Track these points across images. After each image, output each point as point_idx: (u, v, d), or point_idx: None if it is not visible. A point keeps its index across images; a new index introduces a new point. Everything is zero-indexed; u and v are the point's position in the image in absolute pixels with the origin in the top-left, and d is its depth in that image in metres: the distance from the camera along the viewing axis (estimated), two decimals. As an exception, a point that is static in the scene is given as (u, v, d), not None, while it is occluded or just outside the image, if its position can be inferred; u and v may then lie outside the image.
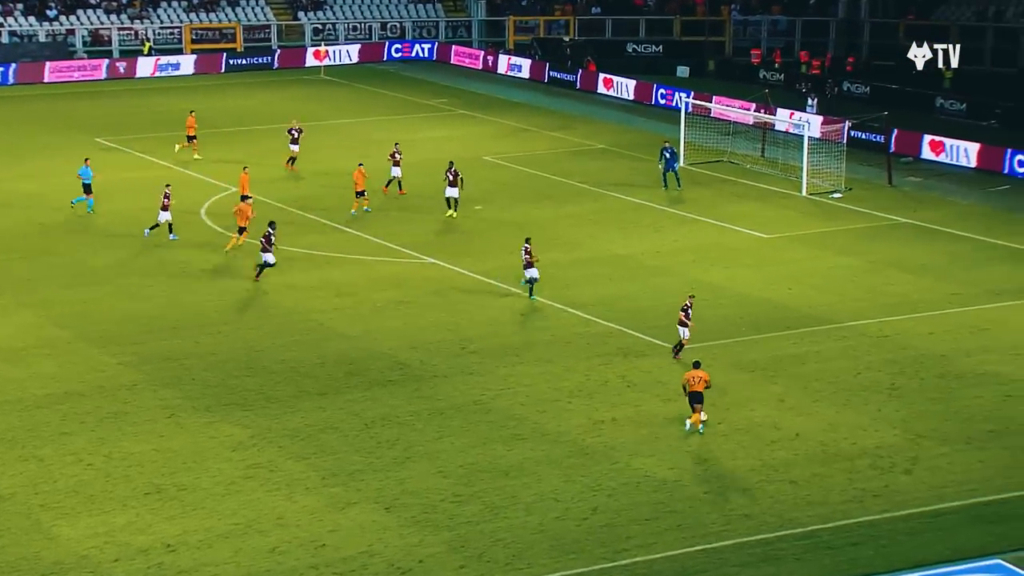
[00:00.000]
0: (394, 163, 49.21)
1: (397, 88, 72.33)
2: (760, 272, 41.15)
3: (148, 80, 74.56)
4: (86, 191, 46.51)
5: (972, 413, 30.61)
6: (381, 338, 35.24)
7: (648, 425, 29.83)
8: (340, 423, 29.85)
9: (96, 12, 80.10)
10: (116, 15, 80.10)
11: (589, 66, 75.29)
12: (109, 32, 79.14)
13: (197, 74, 76.06)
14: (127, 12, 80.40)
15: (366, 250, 43.01)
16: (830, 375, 32.83)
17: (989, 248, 44.15)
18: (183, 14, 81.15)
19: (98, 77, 74.55)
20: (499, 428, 29.64)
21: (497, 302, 38.21)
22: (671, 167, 50.63)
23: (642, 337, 35.35)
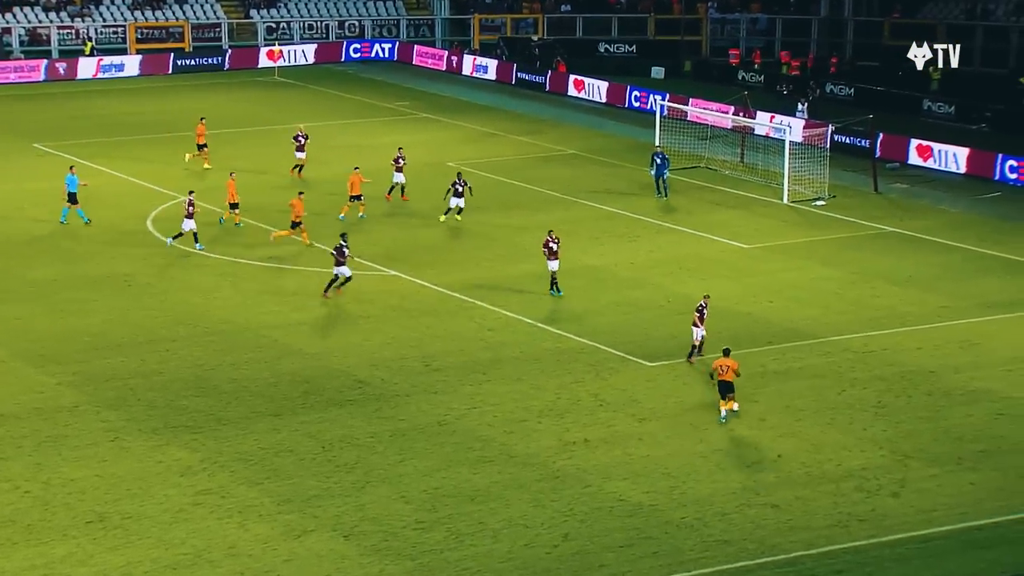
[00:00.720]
0: (396, 168, 49.39)
1: (356, 90, 72.29)
2: (739, 284, 41.32)
3: (90, 82, 74.23)
4: (71, 200, 46.04)
5: (962, 432, 30.80)
6: (340, 355, 35.16)
7: (622, 446, 29.87)
8: (296, 446, 29.75)
9: (34, 10, 79.72)
10: (55, 13, 79.73)
11: (559, 67, 75.46)
12: (48, 31, 78.78)
13: (143, 75, 75.80)
14: (67, 10, 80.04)
15: (324, 262, 42.92)
16: (813, 393, 32.97)
17: (979, 258, 44.49)
18: (127, 12, 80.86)
19: (36, 79, 74.18)
20: (465, 450, 29.61)
21: (462, 316, 38.21)
22: (661, 173, 50.78)
23: (615, 353, 35.42)
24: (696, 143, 57.37)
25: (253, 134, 62.00)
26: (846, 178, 54.47)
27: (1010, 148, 56.51)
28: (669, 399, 32.48)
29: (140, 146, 58.85)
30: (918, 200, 52.11)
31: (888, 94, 67.91)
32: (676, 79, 75.26)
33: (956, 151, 56.58)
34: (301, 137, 53.40)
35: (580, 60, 77.40)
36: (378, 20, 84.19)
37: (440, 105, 68.79)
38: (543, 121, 65.35)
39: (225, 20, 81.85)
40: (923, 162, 57.24)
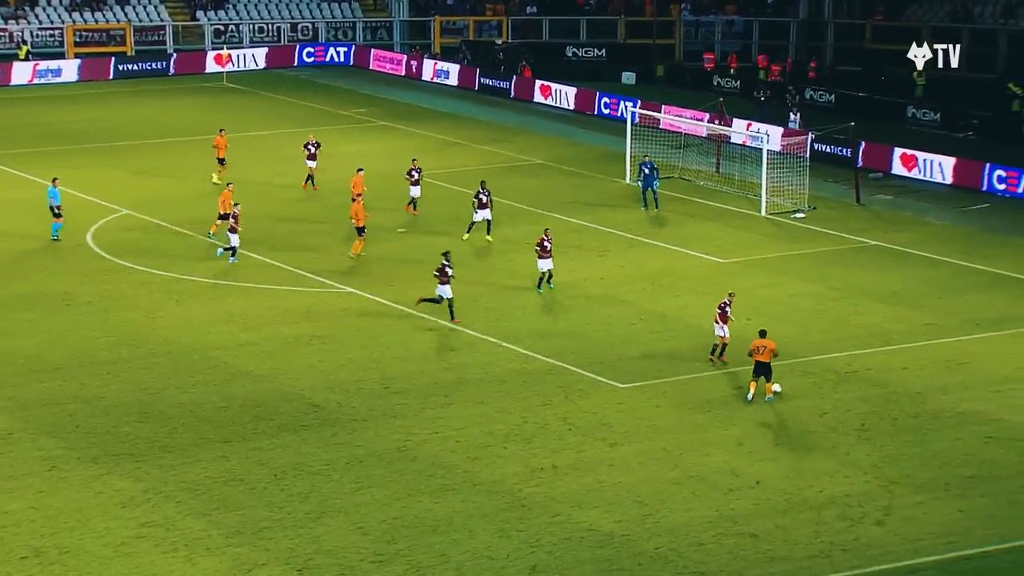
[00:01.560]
0: (412, 182, 49.37)
1: (309, 97, 72.26)
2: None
3: (25, 88, 73.91)
4: (55, 214, 45.64)
5: (950, 457, 31.00)
6: (293, 377, 35.08)
7: (592, 472, 29.92)
8: (246, 474, 29.65)
9: (-35, 11, 79.39)
10: (-12, 14, 79.42)
11: (524, 72, 75.67)
12: (-20, 34, 78.41)
13: (82, 81, 75.51)
14: (0, 11, 79.65)
15: (276, 279, 42.84)
16: (793, 415, 33.12)
17: (967, 273, 44.84)
18: (65, 14, 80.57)
19: (-33, 85, 73.87)
20: (426, 478, 29.59)
21: (423, 336, 38.21)
22: (650, 184, 50.91)
23: (585, 374, 35.49)
24: (669, 152, 57.60)
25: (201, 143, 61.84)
26: (827, 189, 54.80)
27: (998, 157, 57.01)
28: (642, 423, 32.56)
29: (79, 156, 58.60)
30: (902, 212, 52.47)
31: (870, 100, 68.44)
32: (648, 85, 75.58)
33: (942, 160, 57.03)
34: (312, 145, 52.96)
35: (547, 65, 77.64)
36: (333, 22, 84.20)
37: (399, 112, 68.83)
38: (508, 129, 65.48)
39: (170, 22, 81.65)
40: (907, 172, 57.66)
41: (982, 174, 55.74)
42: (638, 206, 51.58)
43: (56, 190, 45.94)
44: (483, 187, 46.96)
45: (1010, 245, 48.26)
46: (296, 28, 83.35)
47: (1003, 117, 65.93)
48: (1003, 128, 64.67)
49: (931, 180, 56.88)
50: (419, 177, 49.61)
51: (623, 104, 65.87)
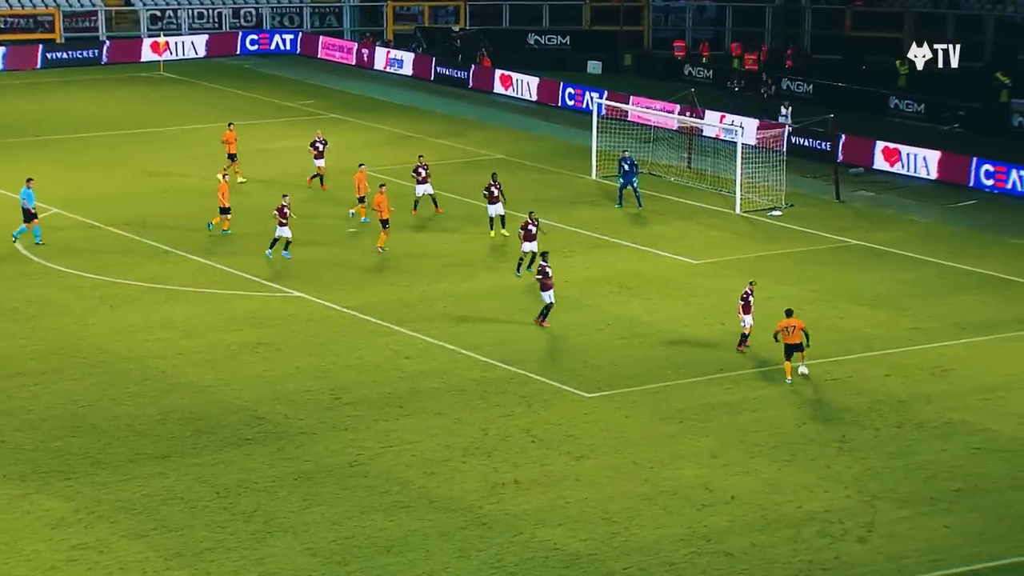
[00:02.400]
0: (419, 180, 49.26)
1: (253, 87, 72.06)
2: (687, 304, 41.62)
3: (-53, 77, 73.46)
4: (27, 218, 45.15)
5: (936, 469, 31.19)
6: (236, 388, 34.98)
7: (557, 488, 29.95)
8: (186, 492, 29.54)
9: None
10: (-93, -1, 78.85)
11: (483, 61, 75.68)
12: (-102, 19, 77.80)
13: (7, 71, 75.05)
14: (-80, -5, 79.16)
15: (218, 282, 42.70)
16: (770, 426, 33.26)
17: (954, 274, 45.13)
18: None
19: None
20: (379, 495, 29.55)
21: (376, 343, 38.16)
22: (630, 181, 50.98)
23: (549, 383, 35.52)
24: (638, 146, 57.67)
25: (136, 137, 61.55)
26: (805, 185, 55.05)
27: (986, 151, 57.38)
28: (610, 434, 32.62)
29: (4, 151, 58.24)
30: (885, 209, 52.76)
31: (850, 91, 68.76)
32: (615, 74, 75.73)
33: (926, 154, 57.37)
34: (320, 143, 52.65)
35: (507, 53, 77.64)
36: (278, 8, 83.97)
37: (349, 104, 68.71)
38: (466, 122, 65.46)
39: (102, 7, 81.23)
40: (890, 167, 57.99)
41: (969, 169, 56.11)
42: (604, 203, 51.68)
43: (30, 191, 45.32)
44: (494, 180, 46.99)
45: (998, 244, 48.61)
46: (239, 14, 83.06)
47: (991, 108, 66.37)
48: (991, 120, 65.11)
49: (915, 175, 57.22)
50: (427, 174, 49.27)
51: (588, 95, 65.94)
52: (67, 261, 44.07)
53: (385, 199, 45.32)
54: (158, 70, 75.42)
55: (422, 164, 49.66)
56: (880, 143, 58.38)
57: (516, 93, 71.44)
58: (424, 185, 49.39)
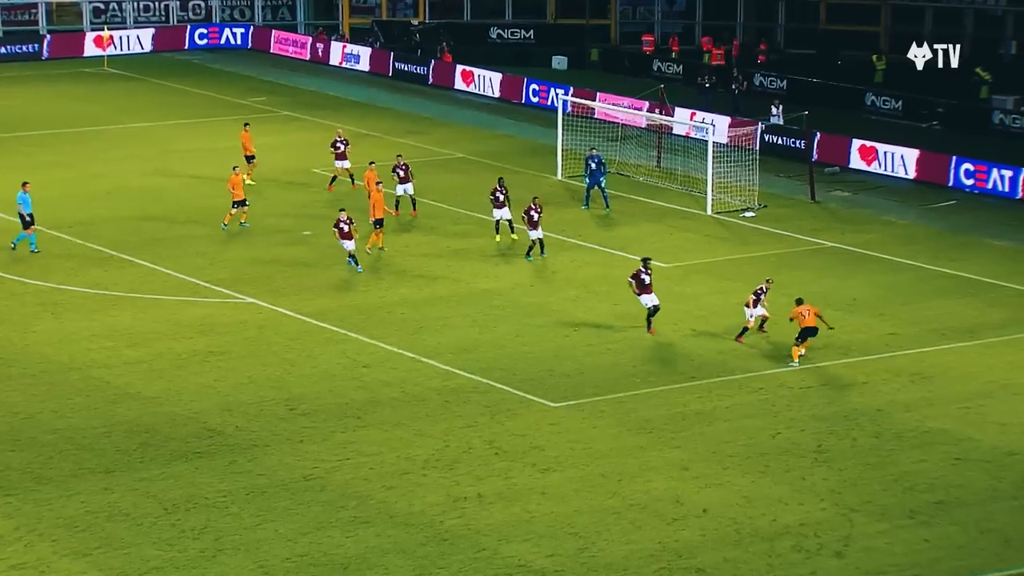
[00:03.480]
0: (399, 180, 49.27)
1: (203, 83, 71.85)
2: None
3: None
4: (25, 225, 44.73)
5: (915, 481, 31.34)
6: (185, 399, 34.86)
7: (522, 502, 29.96)
8: (132, 508, 29.42)
9: None
10: None
11: (444, 56, 75.68)
12: None
13: (-57, 66, 74.68)
14: None
15: (165, 288, 42.55)
16: (744, 436, 33.35)
17: (933, 278, 45.36)
18: (-77, -11, 79.60)
19: None
20: (336, 510, 29.51)
21: (332, 351, 38.10)
22: (597, 181, 50.99)
23: (513, 392, 35.54)
24: (605, 145, 57.74)
25: (78, 136, 61.28)
26: (779, 185, 55.24)
27: (966, 149, 57.68)
28: (576, 446, 32.66)
29: (-59, 150, 57.94)
30: (861, 210, 52.99)
31: (825, 87, 69.05)
32: (581, 70, 75.82)
33: (904, 153, 57.65)
34: (341, 143, 52.32)
35: (469, 48, 77.64)
36: (228, 1, 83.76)
37: (304, 101, 68.60)
38: (426, 120, 65.45)
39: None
40: (867, 166, 58.25)
41: (948, 168, 56.40)
42: (571, 204, 51.75)
43: (27, 196, 44.94)
44: (500, 184, 47.00)
45: (979, 246, 48.89)
46: (187, 7, 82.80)
47: (970, 105, 66.72)
48: (971, 117, 65.47)
49: (893, 175, 57.49)
50: (406, 174, 49.27)
51: (553, 91, 66.00)
52: (6, 266, 43.83)
53: (381, 199, 45.25)
54: (102, 66, 75.12)
55: (401, 164, 49.62)
56: (856, 141, 58.62)
57: (478, 89, 71.45)
58: (405, 184, 49.43)
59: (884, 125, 64.45)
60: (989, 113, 65.35)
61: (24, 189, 45.18)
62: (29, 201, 44.97)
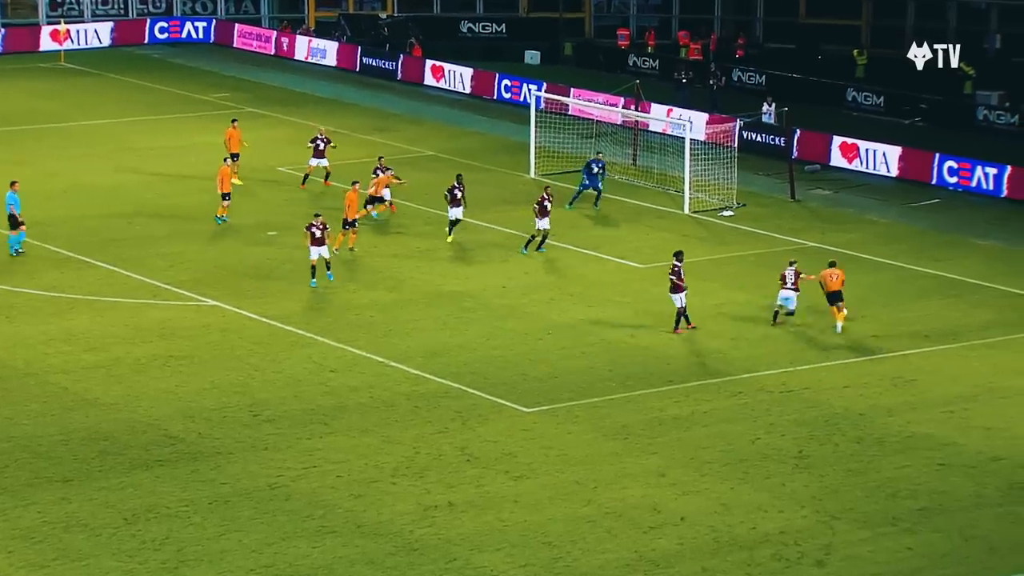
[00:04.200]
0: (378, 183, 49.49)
1: (163, 79, 71.64)
2: (633, 312, 41.74)
3: None
4: (13, 224, 44.46)
5: (898, 487, 31.44)
6: (146, 405, 34.77)
7: (494, 510, 29.97)
8: (91, 519, 29.33)
9: None
10: None
11: (413, 50, 75.62)
12: None
13: None
14: None
15: (124, 290, 42.42)
16: (722, 442, 33.41)
17: (916, 278, 45.52)
18: None
19: None
20: (302, 519, 29.46)
21: (298, 355, 38.04)
22: (595, 184, 50.83)
23: (485, 397, 35.53)
24: (579, 142, 57.85)
25: (34, 133, 61.07)
26: (758, 184, 55.35)
27: (949, 147, 57.91)
28: (550, 452, 32.67)
29: None
30: (842, 209, 53.14)
31: (806, 82, 69.20)
32: (554, 65, 75.85)
33: (886, 150, 57.84)
34: (321, 141, 52.22)
35: (439, 42, 77.59)
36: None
37: (268, 97, 68.45)
38: (395, 116, 65.39)
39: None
40: (848, 164, 58.43)
41: (932, 166, 56.60)
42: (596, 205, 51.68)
43: (16, 196, 44.67)
44: (459, 182, 46.95)
45: (963, 246, 49.09)
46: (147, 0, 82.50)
47: (954, 101, 66.96)
48: (954, 113, 65.73)
49: (874, 172, 57.67)
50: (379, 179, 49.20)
51: (526, 87, 66.04)
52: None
53: (357, 198, 45.24)
54: (58, 61, 74.80)
55: (381, 166, 49.59)
56: (837, 138, 58.79)
57: (448, 85, 71.41)
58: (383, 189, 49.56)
59: (865, 121, 64.66)
60: (973, 109, 65.62)
61: (12, 188, 44.96)
62: (18, 201, 44.74)
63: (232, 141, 52.72)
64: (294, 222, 48.73)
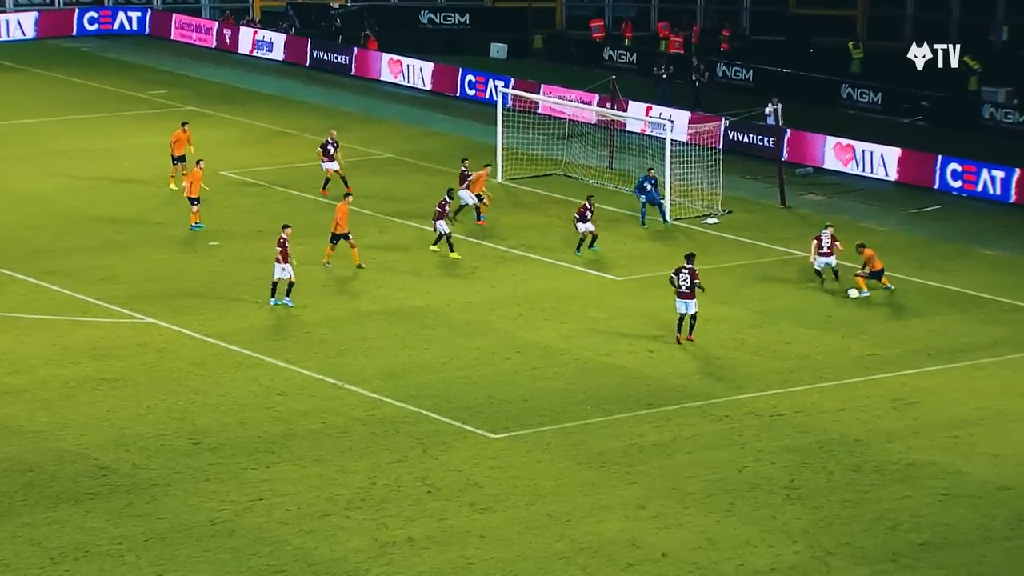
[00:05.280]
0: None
1: (93, 74, 71.52)
2: (609, 328, 41.78)
3: None
4: None
5: (898, 519, 31.53)
6: (75, 433, 34.66)
7: (458, 546, 29.96)
8: (14, 558, 29.22)
9: None
10: None
11: (368, 43, 75.65)
12: None
13: None
14: None
15: (51, 307, 42.30)
16: (707, 470, 33.46)
17: (917, 291, 45.68)
18: None
19: None
20: (247, 557, 29.41)
21: (242, 377, 37.99)
22: (653, 198, 50.92)
23: (448, 422, 35.53)
24: (550, 144, 57.92)
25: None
26: (745, 188, 55.50)
27: (953, 148, 58.15)
28: (519, 483, 32.68)
29: None
30: (837, 216, 53.27)
31: (796, 78, 69.42)
32: (523, 59, 75.96)
33: (884, 152, 58.06)
34: (331, 145, 52.37)
35: (396, 34, 77.69)
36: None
37: (209, 94, 68.39)
38: (348, 115, 65.39)
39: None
40: (843, 167, 58.63)
41: (934, 168, 56.82)
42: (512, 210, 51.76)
43: None
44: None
45: (968, 256, 49.31)
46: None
47: (958, 98, 67.28)
48: (958, 111, 66.02)
49: (872, 176, 57.87)
50: None
51: (492, 83, 66.10)
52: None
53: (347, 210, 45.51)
54: (-21, 54, 74.73)
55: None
56: (831, 139, 58.97)
57: (407, 81, 71.43)
58: None
59: (862, 121, 64.90)
60: (978, 107, 65.91)
61: None
62: None
63: (178, 144, 52.56)
64: (237, 231, 48.73)
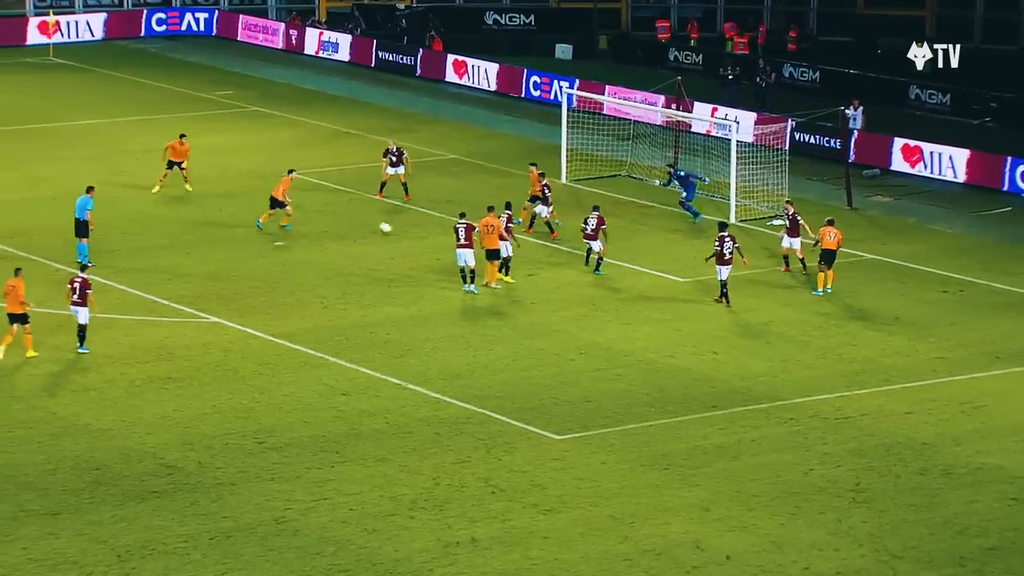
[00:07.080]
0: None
1: (161, 75, 71.88)
2: (673, 329, 41.70)
3: None
4: (81, 233, 45.02)
5: (966, 524, 31.34)
6: (141, 432, 34.85)
7: (521, 547, 29.96)
8: (80, 556, 29.40)
9: None
10: None
11: (433, 44, 75.76)
12: None
13: None
14: None
15: (119, 306, 42.54)
16: (772, 473, 33.35)
17: (986, 294, 45.38)
18: None
19: None
20: (311, 556, 29.49)
21: (307, 376, 38.10)
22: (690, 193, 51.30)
23: (511, 423, 35.54)
24: (615, 145, 57.84)
25: (22, 134, 61.32)
26: (811, 190, 55.28)
27: (1022, 149, 57.73)
28: (583, 484, 32.65)
29: None
30: (904, 218, 53.06)
31: (864, 79, 69.08)
32: (588, 60, 75.91)
33: (953, 153, 57.72)
34: (392, 155, 52.66)
35: (461, 35, 77.75)
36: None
37: (275, 95, 68.62)
38: (413, 116, 65.49)
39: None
40: (911, 168, 58.33)
41: (1003, 170, 56.48)
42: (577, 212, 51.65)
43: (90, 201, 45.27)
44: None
45: (1037, 258, 49.00)
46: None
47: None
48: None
49: (940, 178, 57.55)
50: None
51: (557, 84, 66.08)
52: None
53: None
54: (47, 55, 75.16)
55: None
56: (899, 140, 58.70)
57: (472, 82, 71.49)
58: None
59: (930, 122, 64.54)
60: (1049, 108, 65.46)
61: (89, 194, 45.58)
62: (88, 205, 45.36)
63: (175, 152, 52.54)
64: (302, 232, 48.89)
